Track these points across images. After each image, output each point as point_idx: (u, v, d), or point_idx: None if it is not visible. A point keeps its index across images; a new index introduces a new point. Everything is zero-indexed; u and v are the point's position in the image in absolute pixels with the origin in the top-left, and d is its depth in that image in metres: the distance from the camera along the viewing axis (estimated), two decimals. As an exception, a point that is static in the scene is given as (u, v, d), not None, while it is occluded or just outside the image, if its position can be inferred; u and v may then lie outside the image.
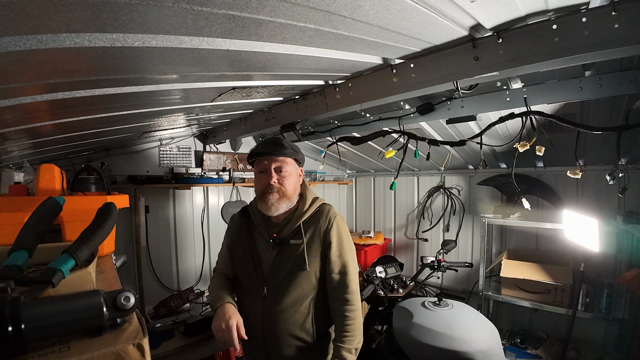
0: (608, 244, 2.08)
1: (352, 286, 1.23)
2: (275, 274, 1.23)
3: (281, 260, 1.24)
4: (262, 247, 1.28)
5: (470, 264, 2.43)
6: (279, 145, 1.26)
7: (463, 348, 1.52)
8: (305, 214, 1.28)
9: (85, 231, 0.67)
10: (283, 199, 1.25)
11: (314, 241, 1.25)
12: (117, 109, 1.28)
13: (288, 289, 1.21)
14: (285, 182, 1.25)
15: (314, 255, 1.24)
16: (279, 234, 1.27)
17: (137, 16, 0.59)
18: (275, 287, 1.22)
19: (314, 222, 1.27)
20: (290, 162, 1.28)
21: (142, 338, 0.49)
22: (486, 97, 1.58)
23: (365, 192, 3.88)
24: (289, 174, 1.27)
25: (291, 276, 1.22)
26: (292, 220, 1.28)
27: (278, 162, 1.25)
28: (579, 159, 1.49)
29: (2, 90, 0.79)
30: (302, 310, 1.22)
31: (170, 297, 2.38)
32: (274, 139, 1.32)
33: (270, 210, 1.24)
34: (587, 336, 2.33)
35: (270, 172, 1.24)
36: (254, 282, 1.26)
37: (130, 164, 2.51)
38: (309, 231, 1.26)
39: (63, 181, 1.23)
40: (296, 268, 1.22)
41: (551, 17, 0.91)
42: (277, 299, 1.21)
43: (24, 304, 0.44)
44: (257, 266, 1.26)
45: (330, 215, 1.28)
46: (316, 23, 0.79)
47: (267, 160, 1.25)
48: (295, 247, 1.24)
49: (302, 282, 1.22)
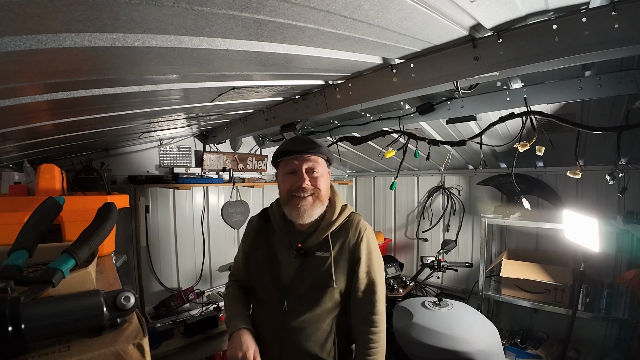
0: (608, 244, 2.08)
1: (379, 306, 1.13)
2: (296, 287, 1.11)
3: (304, 273, 1.12)
4: (283, 257, 1.16)
5: (470, 264, 2.43)
6: (311, 143, 1.13)
7: (463, 348, 1.52)
8: (334, 223, 1.15)
9: (85, 231, 0.67)
10: (316, 203, 1.12)
11: (342, 255, 1.13)
12: (117, 109, 1.28)
13: (310, 305, 1.10)
14: (319, 183, 1.13)
15: (341, 271, 1.12)
16: (304, 243, 1.14)
17: (137, 16, 0.60)
18: (296, 301, 1.11)
19: (342, 234, 1.15)
20: (322, 163, 1.16)
21: (142, 338, 0.49)
22: (486, 97, 1.58)
23: (365, 192, 3.88)
24: (321, 175, 1.14)
25: (315, 291, 1.11)
26: (319, 230, 1.14)
27: (310, 162, 1.12)
28: (579, 159, 1.49)
29: (2, 90, 0.79)
30: (323, 328, 1.11)
31: (170, 297, 2.38)
32: (303, 136, 1.20)
33: (303, 217, 1.11)
34: (587, 336, 2.33)
35: (302, 174, 1.11)
36: (271, 294, 1.14)
37: (130, 164, 2.51)
38: (337, 243, 1.14)
39: (63, 181, 1.23)
40: (321, 283, 1.10)
41: (551, 17, 0.91)
42: (298, 314, 1.10)
43: (24, 304, 0.45)
44: (276, 277, 1.14)
45: (360, 227, 1.16)
46: (316, 23, 0.79)
47: (297, 159, 1.11)
48: (321, 260, 1.12)
49: (326, 298, 1.10)
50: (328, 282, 1.10)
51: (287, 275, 1.13)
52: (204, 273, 2.85)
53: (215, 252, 2.89)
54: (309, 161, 1.12)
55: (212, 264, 2.89)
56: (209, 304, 2.48)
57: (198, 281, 2.80)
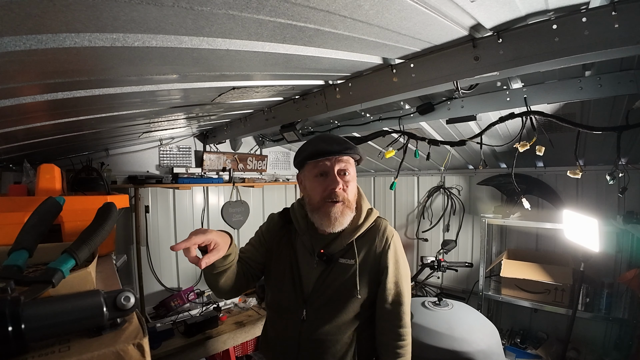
0: (608, 244, 2.08)
1: (406, 318, 1.07)
2: (318, 295, 1.04)
3: (327, 281, 1.04)
4: (304, 262, 1.08)
5: (470, 264, 2.43)
6: (344, 142, 1.03)
7: (463, 348, 1.52)
8: (360, 228, 1.06)
9: (85, 231, 0.67)
10: (346, 210, 1.03)
11: (368, 263, 1.05)
12: (117, 109, 1.28)
13: (332, 315, 1.02)
14: (349, 188, 1.03)
15: (366, 281, 1.05)
16: (327, 249, 1.06)
17: (137, 16, 0.59)
18: (317, 311, 1.03)
19: (368, 240, 1.07)
20: (352, 164, 1.07)
21: (142, 338, 0.49)
22: (486, 97, 1.58)
23: (365, 192, 3.83)
24: (353, 177, 1.06)
25: (337, 301, 1.03)
26: (343, 235, 1.06)
27: (343, 162, 1.02)
28: (579, 159, 1.49)
29: (2, 90, 0.79)
30: (344, 340, 1.03)
31: (170, 297, 2.38)
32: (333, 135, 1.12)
33: (334, 226, 1.02)
34: (587, 336, 2.33)
35: (334, 176, 1.01)
36: (290, 302, 1.06)
37: (130, 164, 2.51)
38: (362, 250, 1.06)
39: (63, 181, 1.23)
40: (344, 293, 1.03)
41: (551, 17, 0.91)
42: (318, 325, 1.02)
43: (24, 304, 0.45)
44: (296, 283, 1.06)
45: (387, 234, 1.08)
46: (316, 23, 0.79)
47: (329, 160, 1.01)
48: (345, 267, 1.04)
49: (348, 308, 1.03)
50: (351, 291, 1.02)
51: (308, 282, 1.06)
52: (204, 273, 2.85)
53: (215, 252, 2.89)
54: (341, 162, 1.02)
55: (212, 264, 2.89)
56: (209, 304, 2.48)
57: (198, 281, 2.80)
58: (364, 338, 1.07)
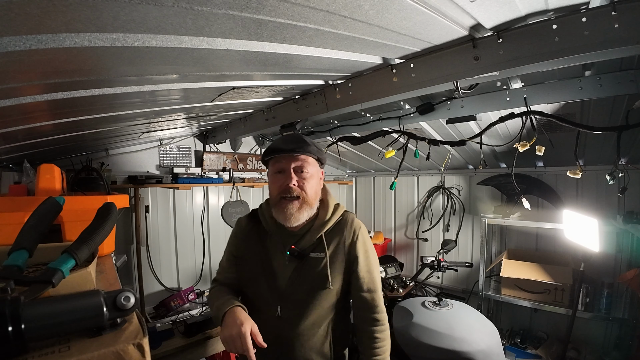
0: (608, 243, 2.08)
1: (381, 304, 1.12)
2: (292, 291, 1.08)
3: (300, 277, 1.09)
4: (276, 260, 1.12)
5: (470, 263, 2.43)
6: (300, 142, 1.10)
7: (463, 348, 1.52)
8: (328, 223, 1.12)
9: (85, 231, 0.67)
10: (304, 206, 1.08)
11: (338, 255, 1.11)
12: (117, 109, 1.28)
13: (307, 310, 1.07)
14: (307, 185, 1.09)
15: (337, 272, 1.10)
16: (297, 245, 1.11)
17: (137, 16, 0.59)
18: (292, 307, 1.08)
19: (337, 233, 1.13)
20: (312, 162, 1.12)
21: (142, 338, 0.49)
22: (486, 97, 1.58)
23: (365, 192, 3.88)
24: (311, 175, 1.11)
25: (311, 295, 1.08)
26: (312, 230, 1.12)
27: (299, 161, 1.08)
28: (579, 159, 1.49)
29: (2, 90, 0.79)
30: (320, 332, 1.09)
31: (170, 297, 2.38)
32: (295, 135, 1.17)
33: (290, 221, 1.08)
34: (587, 336, 2.33)
35: (290, 173, 1.07)
36: (265, 301, 1.10)
37: (130, 164, 2.51)
38: (332, 243, 1.11)
39: (63, 181, 1.23)
40: (317, 286, 1.08)
41: (551, 17, 0.91)
42: (294, 321, 1.07)
43: (24, 304, 0.45)
44: (270, 282, 1.10)
45: (355, 226, 1.15)
46: (316, 23, 0.79)
47: (285, 158, 1.08)
48: (316, 261, 1.10)
49: (322, 301, 1.08)
50: (324, 284, 1.07)
51: (282, 279, 1.10)
52: (204, 273, 2.85)
53: (215, 252, 2.89)
54: (297, 160, 1.08)
55: (212, 264, 2.89)
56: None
57: (198, 281, 2.80)
58: (338, 329, 1.13)
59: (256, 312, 1.09)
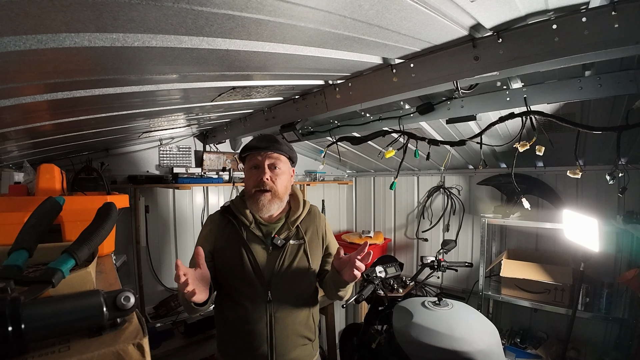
0: (608, 243, 2.08)
1: None
2: (280, 277, 1.20)
3: (284, 263, 1.21)
4: (258, 250, 1.22)
5: (470, 263, 2.43)
6: (274, 141, 1.24)
7: (463, 348, 1.52)
8: (302, 215, 1.31)
9: (85, 231, 0.67)
10: (275, 199, 1.22)
11: (314, 240, 1.30)
12: (117, 109, 1.28)
13: (293, 290, 1.22)
14: (278, 180, 1.23)
15: (316, 255, 1.29)
16: (279, 234, 1.25)
17: (136, 16, 0.59)
18: (280, 290, 1.20)
19: (310, 222, 1.32)
20: (284, 160, 1.26)
21: (142, 338, 0.49)
22: (486, 97, 1.57)
23: (365, 192, 3.88)
24: (282, 172, 1.25)
25: (295, 277, 1.22)
26: (289, 222, 1.28)
27: (272, 158, 1.23)
28: (579, 159, 1.49)
29: (2, 90, 0.79)
30: (305, 308, 1.26)
31: (170, 297, 2.38)
32: (269, 135, 1.29)
33: (262, 211, 1.22)
34: (587, 336, 2.33)
35: (264, 169, 1.21)
36: (254, 288, 1.19)
37: (130, 164, 2.51)
38: (308, 231, 1.30)
39: (63, 181, 1.23)
40: (300, 268, 1.23)
41: (551, 17, 0.91)
42: (284, 302, 1.20)
43: (24, 304, 0.45)
44: (256, 270, 1.20)
45: (321, 216, 1.39)
46: (316, 23, 0.79)
47: (260, 155, 1.22)
48: (296, 247, 1.25)
49: (305, 281, 1.25)
50: (306, 266, 1.24)
51: (267, 267, 1.21)
52: (204, 273, 2.84)
53: (215, 252, 2.89)
54: (271, 158, 1.22)
55: (212, 264, 2.89)
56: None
57: (198, 281, 2.80)
58: (314, 303, 1.32)
59: (246, 299, 1.20)
